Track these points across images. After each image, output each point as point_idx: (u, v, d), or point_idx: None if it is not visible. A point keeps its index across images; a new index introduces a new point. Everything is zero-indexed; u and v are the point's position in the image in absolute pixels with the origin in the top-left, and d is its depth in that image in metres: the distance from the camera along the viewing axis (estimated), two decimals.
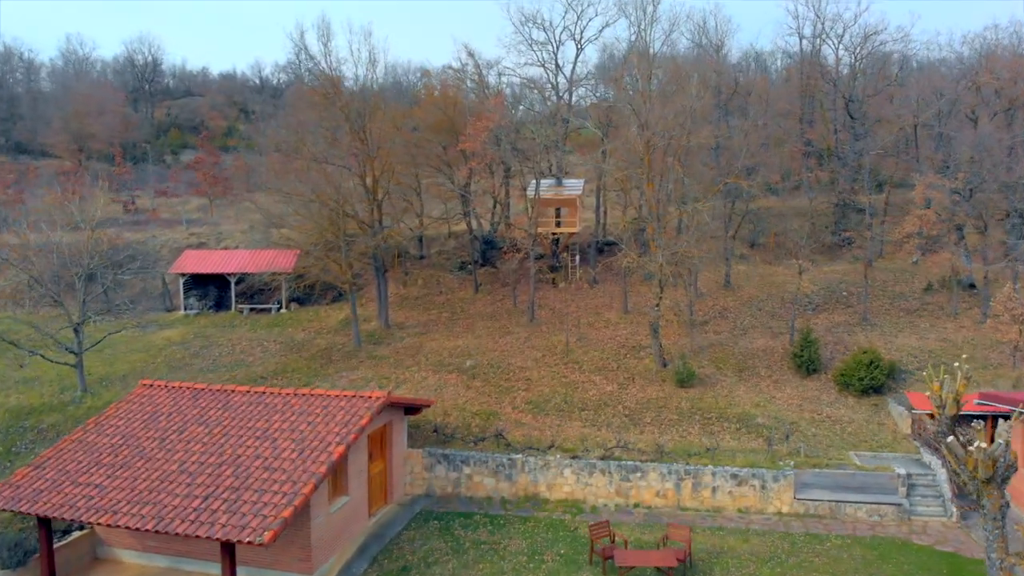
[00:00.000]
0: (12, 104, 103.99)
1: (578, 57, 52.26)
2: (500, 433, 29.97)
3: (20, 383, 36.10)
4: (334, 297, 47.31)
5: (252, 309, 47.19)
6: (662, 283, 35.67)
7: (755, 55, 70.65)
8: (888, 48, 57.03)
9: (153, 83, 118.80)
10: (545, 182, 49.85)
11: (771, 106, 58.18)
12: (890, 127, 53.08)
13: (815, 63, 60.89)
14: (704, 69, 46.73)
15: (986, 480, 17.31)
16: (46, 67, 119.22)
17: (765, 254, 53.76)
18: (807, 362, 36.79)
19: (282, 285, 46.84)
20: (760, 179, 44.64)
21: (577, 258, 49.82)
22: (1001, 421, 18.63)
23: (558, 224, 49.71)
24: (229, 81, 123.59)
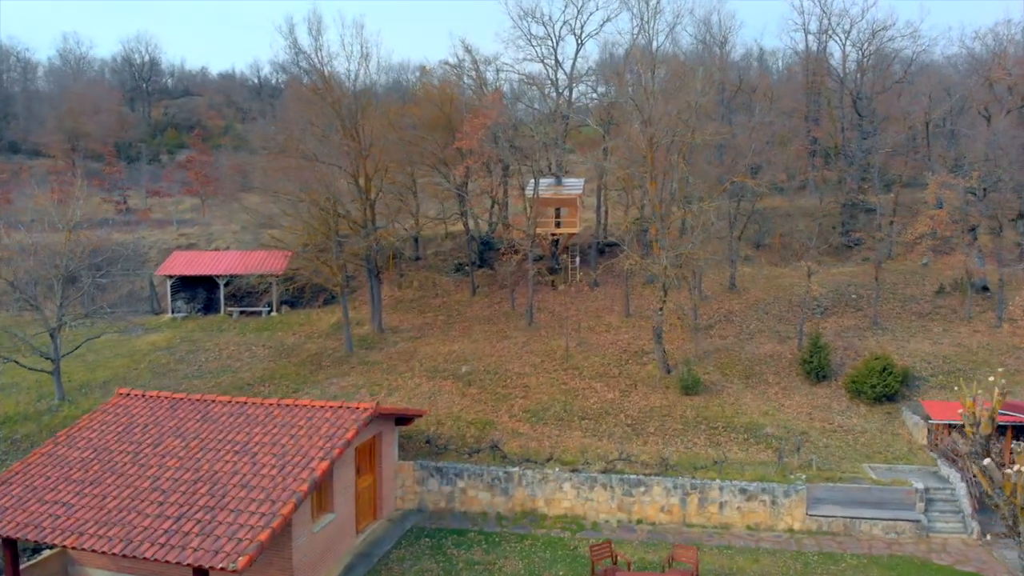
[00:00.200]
0: (7, 103, 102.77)
1: (578, 52, 50.66)
2: (496, 444, 28.49)
3: None
4: (326, 300, 45.84)
5: (242, 312, 45.72)
6: (666, 286, 34.17)
7: (757, 54, 69.29)
8: (897, 44, 55.46)
9: (150, 82, 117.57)
10: (544, 181, 48.35)
11: (776, 103, 56.68)
12: (899, 125, 51.57)
13: (821, 59, 59.40)
14: (708, 65, 45.26)
15: None
16: (43, 66, 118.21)
17: (770, 255, 52.27)
18: (817, 368, 35.30)
19: (273, 287, 45.37)
20: (768, 178, 43.01)
21: (577, 260, 48.33)
22: None
23: (558, 224, 48.19)
24: (228, 81, 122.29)
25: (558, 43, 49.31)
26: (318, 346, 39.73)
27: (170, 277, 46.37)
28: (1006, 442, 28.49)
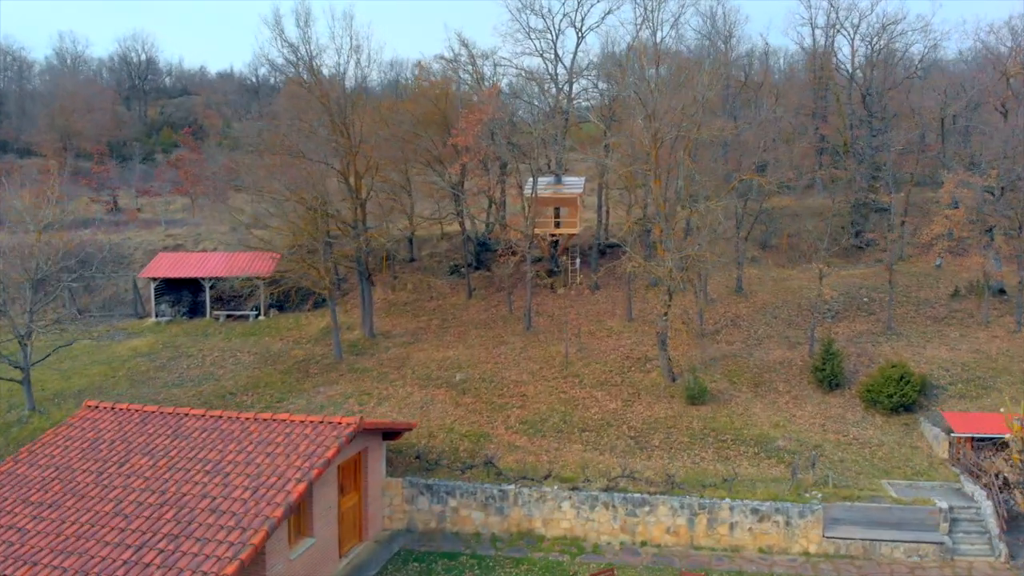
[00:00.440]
0: (0, 102, 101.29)
1: (579, 46, 48.88)
2: (491, 460, 26.69)
3: None
4: (316, 303, 44.00)
5: (228, 316, 43.94)
6: (671, 290, 32.35)
7: (763, 49, 67.32)
8: (908, 39, 53.64)
9: (147, 81, 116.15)
10: (543, 180, 46.56)
11: (782, 100, 54.86)
12: (910, 122, 49.75)
13: (829, 55, 57.60)
14: (715, 58, 43.45)
15: None
16: (40, 64, 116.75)
17: (777, 256, 50.43)
18: (829, 377, 33.51)
19: (260, 290, 43.58)
20: (778, 176, 41.16)
21: (577, 261, 46.51)
22: None
23: (557, 225, 46.39)
24: (226, 80, 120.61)
25: (558, 37, 47.65)
26: (306, 352, 37.94)
27: (154, 280, 44.59)
28: None
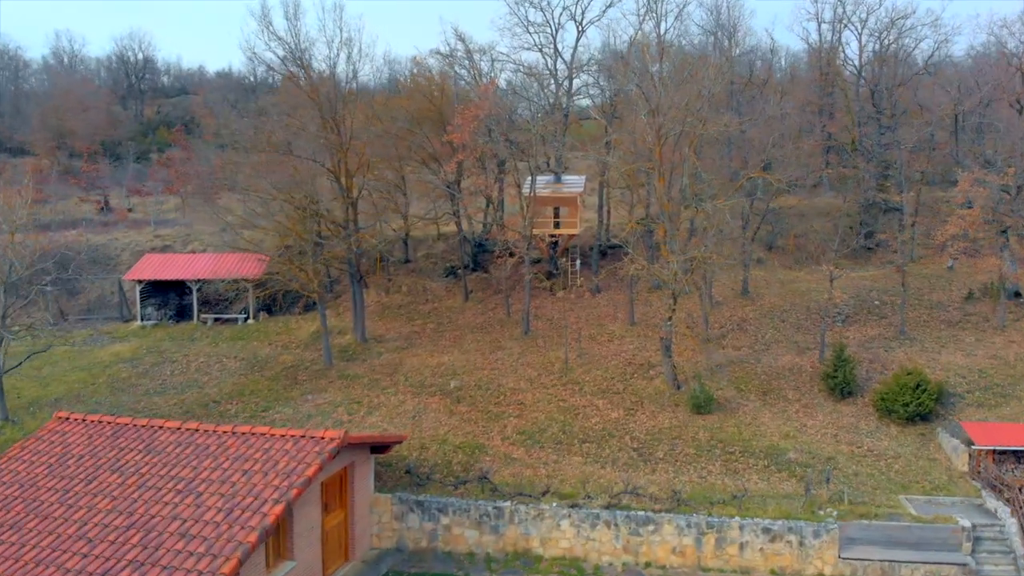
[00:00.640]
0: None
1: (579, 40, 47.31)
2: (485, 475, 25.19)
3: None
4: (307, 305, 42.50)
5: (216, 319, 42.44)
6: (676, 294, 30.83)
7: (763, 51, 65.76)
8: (917, 34, 52.03)
9: (143, 80, 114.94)
10: (542, 178, 45.02)
11: (787, 97, 53.26)
12: (921, 119, 48.21)
13: (835, 50, 56.07)
14: (720, 52, 41.92)
15: None
16: (37, 63, 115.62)
17: (784, 258, 48.90)
18: (841, 384, 32.01)
19: (250, 293, 42.07)
20: (787, 174, 39.60)
21: (578, 263, 45.00)
22: None
23: (557, 225, 44.87)
24: (225, 79, 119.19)
25: (557, 31, 46.10)
26: (295, 358, 36.44)
27: (139, 282, 43.08)
28: None
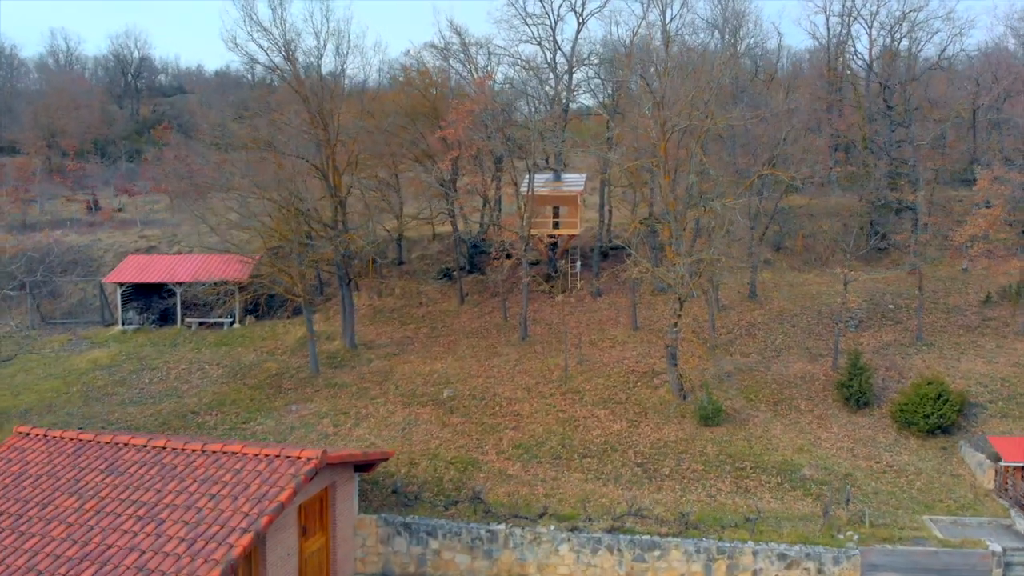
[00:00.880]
0: None
1: (579, 32, 45.46)
2: (478, 495, 23.39)
3: None
4: (296, 309, 40.73)
5: (201, 324, 40.65)
6: (682, 299, 29.02)
7: (769, 48, 64.03)
8: (931, 27, 50.17)
9: (140, 79, 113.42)
10: (541, 177, 43.21)
11: (795, 93, 51.43)
12: (936, 114, 46.35)
13: (844, 44, 54.24)
14: (725, 46, 40.12)
15: None
16: (32, 62, 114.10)
17: (792, 259, 47.10)
18: (857, 394, 30.22)
19: (235, 296, 40.27)
20: (801, 172, 37.81)
21: (578, 265, 43.22)
22: None
23: (556, 225, 43.11)
24: (223, 78, 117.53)
25: (557, 22, 44.28)
26: (280, 365, 34.67)
27: (121, 284, 41.29)
28: None
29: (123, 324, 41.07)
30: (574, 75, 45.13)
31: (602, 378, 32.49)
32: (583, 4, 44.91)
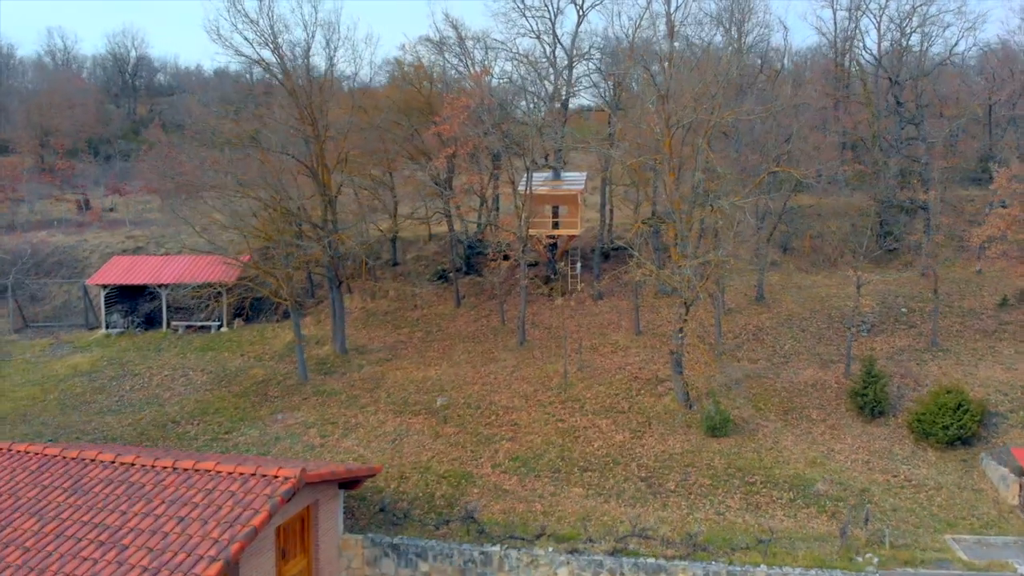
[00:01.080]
0: None
1: (580, 25, 44.00)
2: (471, 515, 21.93)
3: None
4: (286, 312, 39.22)
5: (188, 327, 39.21)
6: (688, 303, 27.55)
7: (775, 46, 62.54)
8: (942, 21, 48.70)
9: (137, 78, 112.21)
10: (540, 175, 41.75)
11: (801, 90, 49.94)
12: (949, 111, 44.92)
13: (852, 38, 52.81)
14: (730, 39, 38.66)
15: None
16: (31, 61, 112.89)
17: (799, 260, 45.63)
18: (872, 403, 28.76)
19: (223, 299, 38.81)
20: (811, 169, 36.35)
21: (578, 266, 41.79)
22: None
23: (555, 225, 41.69)
24: (222, 78, 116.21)
25: (556, 15, 42.77)
26: (267, 371, 33.23)
27: (105, 286, 39.85)
28: None
29: (107, 327, 39.64)
30: (574, 70, 43.64)
31: (603, 385, 31.04)
32: None
